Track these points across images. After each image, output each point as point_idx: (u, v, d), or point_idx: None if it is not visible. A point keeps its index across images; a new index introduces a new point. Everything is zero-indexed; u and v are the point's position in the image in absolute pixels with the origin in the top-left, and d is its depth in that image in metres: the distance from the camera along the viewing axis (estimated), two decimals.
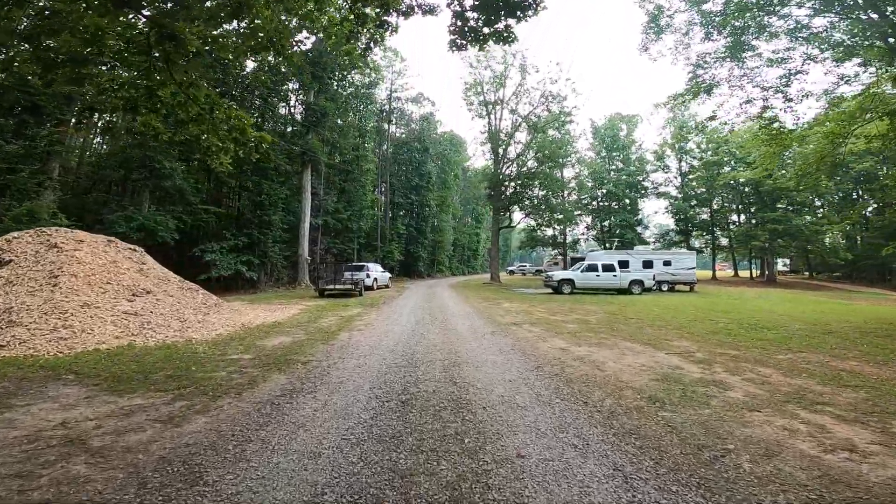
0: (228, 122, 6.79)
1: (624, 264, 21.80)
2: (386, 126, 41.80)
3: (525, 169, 30.21)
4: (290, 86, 25.88)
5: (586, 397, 4.63)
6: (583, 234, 45.80)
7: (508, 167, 31.30)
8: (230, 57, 6.53)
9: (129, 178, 17.66)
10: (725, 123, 13.99)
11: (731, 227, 43.49)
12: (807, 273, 48.84)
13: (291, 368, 5.74)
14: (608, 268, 21.17)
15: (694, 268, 26.64)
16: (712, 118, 13.44)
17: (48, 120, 15.23)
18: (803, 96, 11.97)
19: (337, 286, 18.10)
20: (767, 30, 11.90)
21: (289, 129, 25.72)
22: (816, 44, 11.25)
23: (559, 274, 21.40)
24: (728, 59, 12.42)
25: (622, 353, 6.87)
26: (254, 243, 20.62)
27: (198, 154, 11.48)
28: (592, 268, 21.15)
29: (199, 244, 19.26)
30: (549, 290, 21.96)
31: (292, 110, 26.56)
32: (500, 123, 31.77)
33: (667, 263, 25.53)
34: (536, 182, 30.07)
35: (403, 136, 44.37)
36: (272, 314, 11.98)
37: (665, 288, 24.30)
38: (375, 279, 23.45)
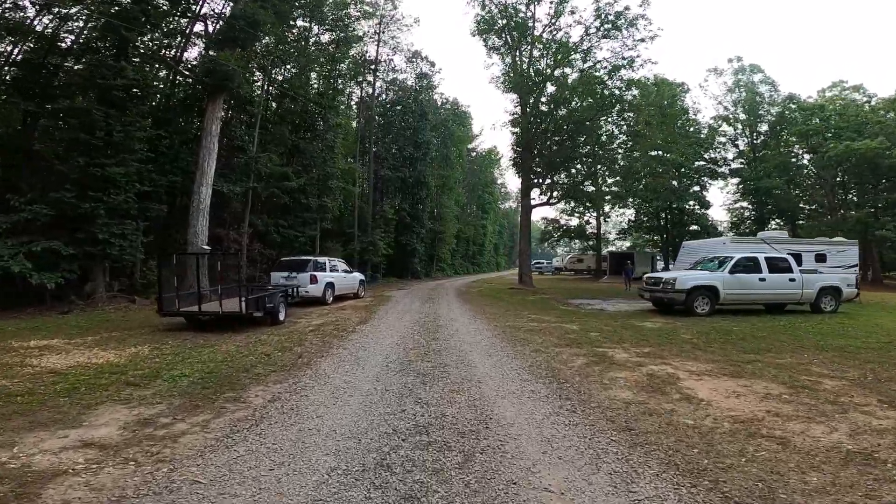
0: None
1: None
2: (371, 79, 31.29)
3: (578, 111, 19.44)
4: None
5: None
6: (630, 222, 35.15)
7: (545, 119, 20.80)
8: None
9: None
10: None
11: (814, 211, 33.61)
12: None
13: None
14: (778, 266, 10.80)
15: (857, 265, 16.43)
16: None
17: None
18: None
19: (204, 308, 7.77)
20: None
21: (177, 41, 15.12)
22: None
23: (686, 277, 10.66)
24: None
25: None
26: (70, 218, 10.21)
27: None
28: (749, 265, 10.66)
29: None
30: (650, 305, 11.75)
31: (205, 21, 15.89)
32: (532, 58, 21.30)
33: (820, 258, 15.29)
34: (593, 134, 19.44)
35: (395, 97, 34.10)
36: None
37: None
38: (330, 285, 13.10)
